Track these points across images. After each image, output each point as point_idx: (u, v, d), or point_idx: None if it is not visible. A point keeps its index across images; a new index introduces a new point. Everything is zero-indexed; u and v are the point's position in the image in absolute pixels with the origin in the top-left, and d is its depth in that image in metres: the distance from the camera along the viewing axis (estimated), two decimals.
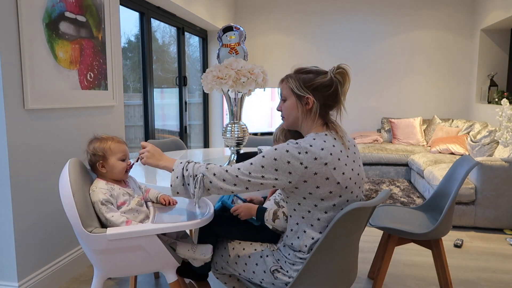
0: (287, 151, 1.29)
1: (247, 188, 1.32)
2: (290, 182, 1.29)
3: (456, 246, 2.83)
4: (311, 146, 1.30)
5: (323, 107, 1.39)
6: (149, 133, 3.94)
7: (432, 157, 4.13)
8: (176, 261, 1.48)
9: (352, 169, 1.36)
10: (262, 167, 1.29)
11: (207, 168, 1.34)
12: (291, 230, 1.40)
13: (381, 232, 3.04)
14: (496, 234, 3.10)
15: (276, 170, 1.28)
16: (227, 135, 2.18)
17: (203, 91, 2.55)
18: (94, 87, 2.54)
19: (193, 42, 5.40)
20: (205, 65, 5.60)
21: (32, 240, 2.09)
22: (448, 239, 2.96)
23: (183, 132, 4.87)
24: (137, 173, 2.00)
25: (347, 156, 1.36)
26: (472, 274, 2.42)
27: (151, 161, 1.43)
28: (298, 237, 1.38)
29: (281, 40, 5.90)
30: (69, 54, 2.29)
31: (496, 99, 4.73)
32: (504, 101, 3.25)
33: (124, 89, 3.13)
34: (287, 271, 1.39)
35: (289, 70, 1.46)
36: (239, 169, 1.32)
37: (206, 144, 5.82)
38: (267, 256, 1.45)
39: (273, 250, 1.47)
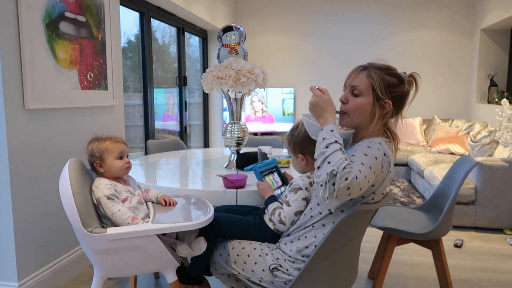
0: (378, 149, 1.23)
1: (360, 189, 1.15)
2: (373, 186, 1.26)
3: (456, 246, 2.83)
4: (387, 149, 1.28)
5: (396, 116, 1.35)
6: (149, 133, 3.94)
7: (432, 157, 4.13)
8: (176, 261, 1.49)
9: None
10: (370, 168, 1.17)
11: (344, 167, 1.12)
12: (311, 216, 1.38)
13: (381, 232, 3.04)
14: (496, 234, 3.10)
15: (374, 172, 1.19)
16: (227, 135, 2.18)
17: (203, 91, 2.55)
18: (94, 87, 2.54)
19: (193, 42, 5.40)
20: (205, 65, 5.60)
21: (32, 240, 2.09)
22: (448, 239, 2.96)
23: (183, 132, 4.87)
24: (137, 173, 2.00)
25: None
26: (472, 274, 2.42)
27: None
28: (315, 236, 1.36)
29: (281, 40, 5.90)
30: (69, 54, 2.29)
31: (496, 99, 4.73)
32: (504, 101, 3.25)
33: (124, 89, 3.13)
34: (287, 269, 1.39)
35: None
36: (360, 171, 1.15)
37: (206, 144, 5.82)
38: (266, 254, 1.45)
39: (272, 249, 1.47)
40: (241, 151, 2.23)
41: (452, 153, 4.42)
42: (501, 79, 5.12)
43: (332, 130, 1.20)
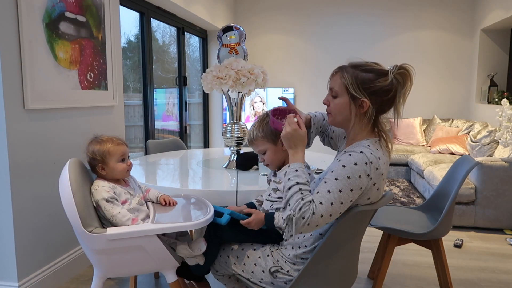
0: (356, 164, 1.20)
1: (340, 213, 1.22)
2: (358, 197, 1.25)
3: (456, 246, 2.83)
4: (371, 154, 1.23)
5: (378, 112, 1.29)
6: (149, 133, 3.94)
7: (432, 157, 4.13)
8: (176, 261, 1.49)
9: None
10: (340, 191, 1.19)
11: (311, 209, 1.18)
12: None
13: (381, 232, 3.04)
14: (496, 234, 3.10)
15: (351, 190, 1.20)
16: (227, 135, 2.18)
17: (203, 91, 2.55)
18: (94, 87, 2.54)
19: (193, 42, 5.40)
20: (205, 65, 5.60)
21: (32, 240, 2.09)
22: (448, 239, 2.96)
23: (183, 132, 4.87)
24: (137, 173, 2.00)
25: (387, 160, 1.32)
26: (472, 274, 2.42)
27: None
28: (310, 235, 1.36)
29: (281, 40, 5.90)
30: (69, 54, 2.29)
31: (496, 99, 4.73)
32: (504, 101, 3.25)
33: (124, 89, 3.13)
34: (287, 271, 1.39)
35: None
36: (328, 197, 1.19)
37: (206, 144, 5.82)
38: (267, 256, 1.45)
39: (273, 250, 1.47)
40: (241, 151, 2.23)
41: (452, 153, 4.42)
42: (501, 79, 5.12)
43: (297, 170, 1.25)
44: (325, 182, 1.22)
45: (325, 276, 1.37)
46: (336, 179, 1.21)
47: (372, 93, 1.25)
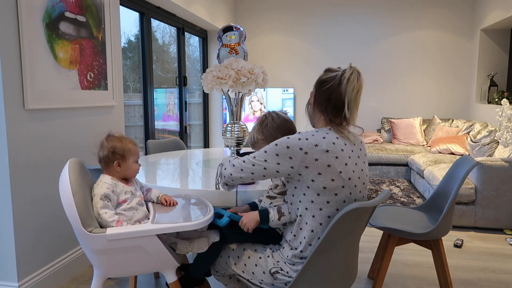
0: (288, 137, 1.34)
1: (252, 173, 1.38)
2: (292, 168, 1.32)
3: (456, 246, 2.83)
4: (312, 135, 1.34)
5: (324, 104, 1.39)
6: (149, 133, 3.94)
7: (432, 157, 4.13)
8: (176, 261, 1.48)
9: (356, 164, 1.37)
10: (265, 152, 1.36)
11: (229, 160, 1.45)
12: (294, 220, 1.40)
13: (381, 232, 3.04)
14: (496, 234, 3.10)
15: (277, 155, 1.33)
16: (227, 135, 2.18)
17: (203, 91, 2.55)
18: (94, 87, 2.54)
19: (193, 42, 5.40)
20: (205, 65, 5.60)
21: (32, 240, 2.09)
22: (448, 239, 2.96)
23: (183, 132, 4.87)
24: (138, 173, 2.00)
25: (352, 151, 1.37)
26: (472, 274, 2.42)
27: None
28: (300, 228, 1.38)
29: (281, 40, 5.90)
30: (69, 54, 2.29)
31: (496, 99, 4.73)
32: (504, 101, 3.25)
33: (124, 89, 3.13)
34: (287, 272, 1.39)
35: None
36: (248, 156, 1.41)
37: (206, 144, 5.82)
38: (268, 257, 1.45)
39: (273, 251, 1.46)
40: (241, 151, 2.23)
41: (452, 153, 4.42)
42: (501, 79, 5.12)
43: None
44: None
45: (324, 276, 1.37)
46: (265, 151, 1.37)
47: (317, 86, 1.42)
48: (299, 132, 1.36)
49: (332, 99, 1.37)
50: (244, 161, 1.39)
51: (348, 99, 1.35)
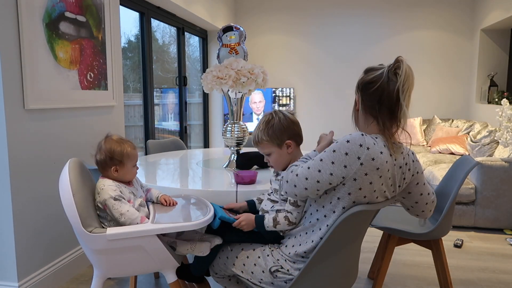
0: (348, 141, 1.20)
1: (306, 189, 1.27)
2: (343, 178, 1.21)
3: (456, 246, 2.83)
4: (374, 144, 1.21)
5: (376, 108, 1.25)
6: (149, 133, 3.94)
7: (432, 157, 4.13)
8: (176, 261, 1.48)
9: (391, 185, 1.28)
10: (321, 160, 1.23)
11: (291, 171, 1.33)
12: (309, 223, 1.37)
13: (381, 232, 3.04)
14: (496, 234, 3.10)
15: (332, 163, 1.21)
16: (227, 135, 2.18)
17: (203, 91, 2.55)
18: (94, 87, 2.54)
19: (193, 42, 5.40)
20: (205, 65, 5.60)
21: (32, 240, 2.09)
22: (448, 239, 2.96)
23: (183, 132, 4.87)
24: (138, 173, 2.00)
25: (394, 165, 1.26)
26: (472, 274, 2.42)
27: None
28: (313, 231, 1.35)
29: (281, 40, 5.90)
30: (69, 54, 2.29)
31: (496, 99, 4.73)
32: (504, 101, 3.25)
33: (124, 89, 3.13)
34: (288, 270, 1.39)
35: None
36: (302, 167, 1.29)
37: (206, 144, 5.82)
38: (267, 255, 1.44)
39: (273, 250, 1.46)
40: (241, 151, 2.23)
41: (452, 153, 4.42)
42: (501, 79, 5.12)
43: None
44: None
45: (325, 275, 1.37)
46: (321, 159, 1.25)
47: (361, 89, 1.29)
48: (362, 134, 1.21)
49: (384, 100, 1.23)
50: (297, 175, 1.28)
51: (403, 96, 1.20)
